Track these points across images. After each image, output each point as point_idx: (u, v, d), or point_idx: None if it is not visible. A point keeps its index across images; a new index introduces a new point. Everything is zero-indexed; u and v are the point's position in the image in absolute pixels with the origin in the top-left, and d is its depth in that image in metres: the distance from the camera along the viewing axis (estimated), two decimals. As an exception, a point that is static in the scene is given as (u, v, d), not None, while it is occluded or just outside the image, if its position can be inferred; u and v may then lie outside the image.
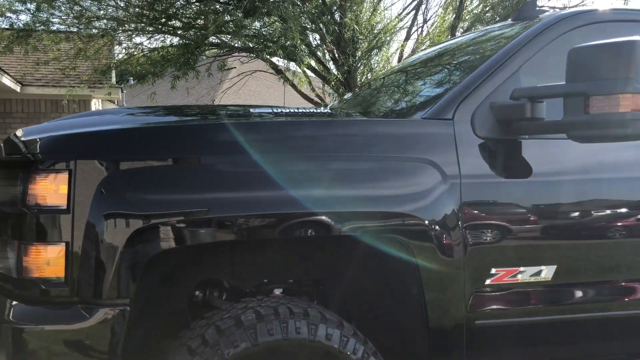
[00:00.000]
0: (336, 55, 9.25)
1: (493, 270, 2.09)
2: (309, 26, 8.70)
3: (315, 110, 2.49)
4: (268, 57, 8.28)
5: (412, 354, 2.15)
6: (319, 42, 9.23)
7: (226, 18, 7.38)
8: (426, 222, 1.99)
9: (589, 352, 2.38)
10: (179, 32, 8.79)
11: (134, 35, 8.93)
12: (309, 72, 10.21)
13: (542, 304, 2.20)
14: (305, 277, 2.34)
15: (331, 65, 9.74)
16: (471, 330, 2.08)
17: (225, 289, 2.25)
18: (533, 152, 2.20)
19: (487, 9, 10.38)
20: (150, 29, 8.62)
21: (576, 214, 2.22)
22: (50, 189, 1.80)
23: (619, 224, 2.29)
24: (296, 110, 2.51)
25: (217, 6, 7.92)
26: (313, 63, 10.06)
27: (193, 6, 8.33)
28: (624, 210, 2.30)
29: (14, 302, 1.84)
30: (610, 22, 2.56)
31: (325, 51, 9.23)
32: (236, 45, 8.66)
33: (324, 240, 2.12)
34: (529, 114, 2.09)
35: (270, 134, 2.06)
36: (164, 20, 8.49)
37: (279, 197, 1.90)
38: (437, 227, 2.00)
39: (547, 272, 2.15)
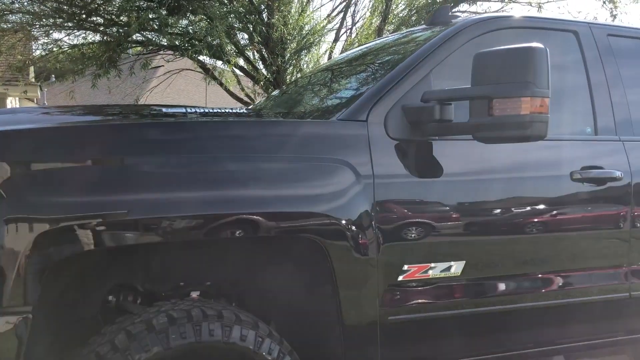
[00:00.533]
0: (265, 55, 9.23)
1: (405, 267, 2.15)
2: (236, 25, 8.63)
3: (231, 111, 2.48)
4: (195, 55, 8.14)
5: (328, 351, 2.18)
6: (247, 41, 9.17)
7: (150, 16, 7.21)
8: (340, 221, 2.02)
9: (500, 343, 2.50)
10: (101, 28, 8.50)
11: (52, 31, 8.55)
12: (238, 72, 10.14)
13: (452, 298, 2.29)
14: (223, 279, 2.33)
15: (260, 65, 9.71)
16: (385, 326, 2.13)
17: (139, 293, 2.20)
18: (444, 153, 2.28)
19: (412, 12, 10.64)
20: (70, 25, 8.28)
21: (483, 211, 2.33)
22: None
23: (524, 221, 2.41)
24: (211, 111, 2.49)
25: (141, 3, 7.72)
26: (242, 62, 9.99)
27: (115, 2, 8.07)
28: (528, 208, 2.43)
29: None
30: (517, 28, 2.70)
31: (254, 51, 9.18)
32: (162, 43, 8.48)
33: (241, 241, 2.12)
34: (438, 116, 2.17)
35: (182, 134, 2.03)
36: (84, 16, 8.18)
37: (193, 198, 1.88)
38: (350, 227, 2.04)
39: (456, 268, 2.24)
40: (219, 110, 2.48)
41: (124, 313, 2.10)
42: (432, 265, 2.20)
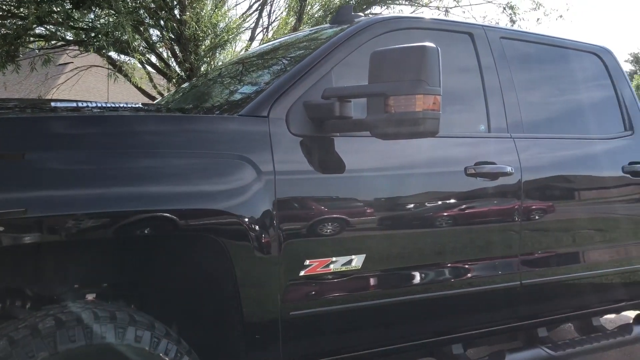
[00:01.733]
0: (177, 52, 9.02)
1: (307, 262, 2.17)
2: (147, 21, 8.38)
3: (129, 105, 2.39)
4: (103, 50, 7.82)
5: (230, 350, 2.16)
6: (159, 38, 8.93)
7: (53, 8, 6.84)
8: (240, 219, 2.00)
9: (402, 333, 2.57)
10: (-2, 20, 7.98)
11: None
12: (150, 69, 9.84)
13: (354, 291, 2.32)
14: (121, 280, 2.25)
15: (173, 63, 9.47)
16: (286, 322, 2.14)
17: (29, 297, 2.09)
18: (345, 149, 2.32)
19: (328, 13, 10.76)
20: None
21: (383, 206, 2.38)
22: None
23: (422, 214, 2.50)
24: (109, 105, 2.40)
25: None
26: (154, 59, 9.72)
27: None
28: (425, 202, 2.51)
29: None
30: (416, 29, 2.79)
31: (165, 48, 8.95)
32: (66, 37, 8.08)
33: (139, 240, 2.06)
34: (338, 113, 2.21)
35: (76, 129, 1.94)
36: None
37: (87, 196, 1.80)
38: (251, 224, 2.03)
39: (357, 261, 2.29)
40: (116, 105, 2.39)
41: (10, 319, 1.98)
42: (334, 259, 2.24)
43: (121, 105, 2.39)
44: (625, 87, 3.46)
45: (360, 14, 3.02)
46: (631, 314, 3.54)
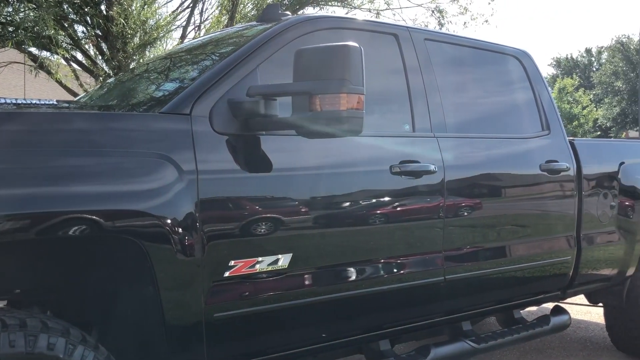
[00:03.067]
0: (105, 49, 8.72)
1: (232, 263, 2.14)
2: (72, 17, 8.05)
3: (42, 103, 2.29)
4: (23, 46, 7.45)
5: (152, 354, 2.10)
6: (84, 34, 8.61)
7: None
8: (160, 220, 1.95)
9: (330, 331, 2.58)
10: None
11: None
12: (76, 66, 9.47)
13: (281, 290, 2.31)
14: (36, 286, 2.14)
15: (100, 60, 9.15)
16: (211, 324, 2.10)
17: None
18: (271, 148, 2.30)
19: (260, 11, 10.70)
20: None
21: (308, 205, 2.38)
22: None
23: (348, 213, 2.51)
24: (20, 102, 2.29)
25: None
26: (80, 56, 9.37)
27: None
28: (351, 200, 2.53)
29: None
30: (343, 29, 2.80)
31: (92, 45, 8.64)
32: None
33: (55, 243, 1.97)
34: (263, 111, 2.19)
35: None
36: None
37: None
38: (172, 225, 1.97)
39: (283, 260, 2.27)
40: (29, 102, 2.28)
41: None
42: (259, 259, 2.21)
43: (34, 102, 2.27)
44: (543, 89, 3.62)
45: (288, 12, 3.01)
46: (551, 305, 3.71)
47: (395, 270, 2.68)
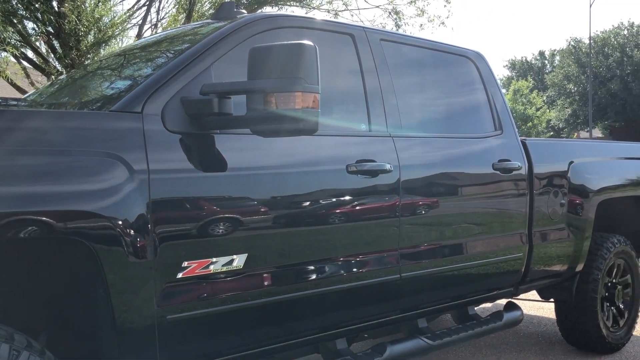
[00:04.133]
0: (57, 47, 8.48)
1: (185, 264, 2.10)
2: (21, 12, 7.80)
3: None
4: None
5: (103, 358, 2.04)
6: (35, 31, 8.35)
7: None
8: (110, 221, 1.90)
9: (287, 331, 2.57)
10: None
11: None
12: (26, 64, 9.18)
13: (236, 291, 2.28)
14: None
15: (53, 58, 8.89)
16: (164, 327, 2.06)
17: None
18: (226, 147, 2.28)
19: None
20: None
21: (264, 205, 2.36)
22: None
23: (304, 212, 2.51)
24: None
25: None
26: (30, 54, 9.09)
27: None
28: (307, 199, 2.52)
29: None
30: (299, 28, 2.79)
31: (43, 42, 8.38)
32: None
33: (2, 244, 1.89)
34: (217, 109, 2.17)
35: None
36: None
37: None
38: (123, 226, 1.92)
39: (238, 261, 2.25)
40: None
41: None
42: (214, 260, 2.18)
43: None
44: (496, 90, 3.70)
45: (243, 10, 2.99)
46: (505, 302, 3.79)
47: (351, 269, 2.68)
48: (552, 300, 4.23)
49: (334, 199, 2.62)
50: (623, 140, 8.95)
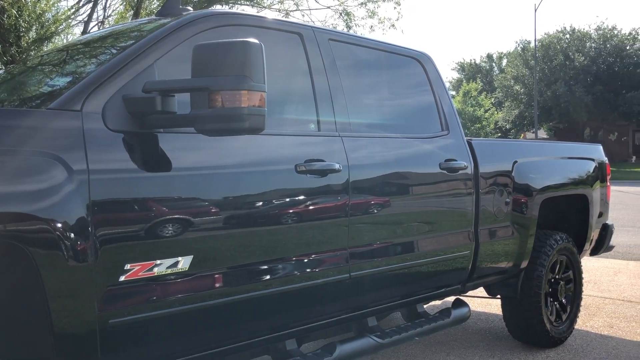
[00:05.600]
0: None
1: (127, 266, 2.04)
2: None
3: None
4: None
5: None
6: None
7: None
8: (47, 223, 1.82)
9: (237, 333, 2.53)
10: None
11: None
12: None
13: (182, 293, 2.23)
14: None
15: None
16: (105, 331, 1.99)
17: None
18: (170, 146, 2.22)
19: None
20: None
21: (210, 205, 2.32)
22: None
23: (253, 213, 2.47)
24: None
25: None
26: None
27: None
28: (255, 200, 2.49)
29: None
30: (246, 26, 2.75)
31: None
32: None
33: None
34: (160, 108, 2.11)
35: None
36: None
37: None
38: (61, 229, 1.85)
39: (184, 263, 2.20)
40: None
41: None
42: (158, 262, 2.13)
43: None
44: (443, 91, 3.76)
45: (189, 7, 2.93)
46: (453, 299, 3.86)
47: (300, 269, 2.67)
48: (499, 296, 4.33)
49: (283, 199, 2.59)
50: (566, 140, 9.27)
